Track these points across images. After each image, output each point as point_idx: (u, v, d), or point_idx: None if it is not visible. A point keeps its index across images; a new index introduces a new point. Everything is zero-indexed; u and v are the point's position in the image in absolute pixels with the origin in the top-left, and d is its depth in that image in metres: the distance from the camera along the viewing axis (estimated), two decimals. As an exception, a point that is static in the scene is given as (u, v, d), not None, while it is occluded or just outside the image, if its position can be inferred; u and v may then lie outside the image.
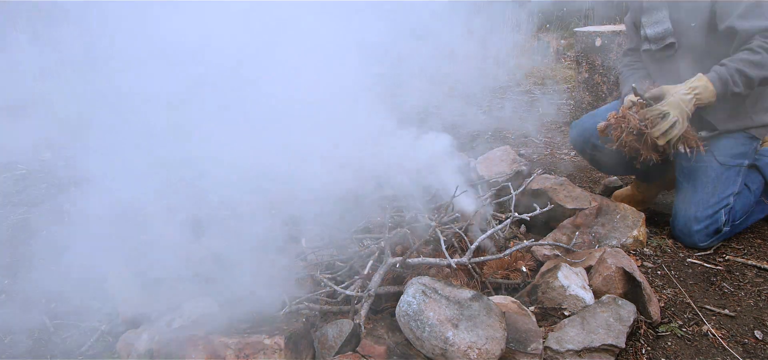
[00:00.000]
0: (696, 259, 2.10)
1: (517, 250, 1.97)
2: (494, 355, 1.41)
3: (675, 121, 1.98)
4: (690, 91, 2.00)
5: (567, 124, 4.25)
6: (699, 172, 2.18)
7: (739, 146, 2.18)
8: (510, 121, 4.22)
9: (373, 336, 1.53)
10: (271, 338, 1.39)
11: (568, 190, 2.50)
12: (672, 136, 2.00)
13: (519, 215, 2.16)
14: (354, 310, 1.73)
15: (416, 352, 1.48)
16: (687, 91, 2.01)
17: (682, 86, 2.03)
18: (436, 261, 1.86)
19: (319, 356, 1.52)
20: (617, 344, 1.52)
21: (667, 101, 2.01)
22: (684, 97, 2.00)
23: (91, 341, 1.81)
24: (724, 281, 1.95)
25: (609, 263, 1.78)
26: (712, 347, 1.63)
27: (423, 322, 1.45)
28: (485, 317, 1.47)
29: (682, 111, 1.99)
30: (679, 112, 1.99)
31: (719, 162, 2.16)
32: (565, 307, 1.71)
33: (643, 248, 2.14)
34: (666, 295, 1.87)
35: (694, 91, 2.00)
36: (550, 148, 3.65)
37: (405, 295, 1.54)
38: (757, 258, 2.09)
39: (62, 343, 1.81)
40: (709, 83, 2.00)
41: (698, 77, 2.03)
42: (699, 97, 2.00)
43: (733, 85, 1.98)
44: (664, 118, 1.99)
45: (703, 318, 1.75)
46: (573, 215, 2.30)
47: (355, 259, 2.07)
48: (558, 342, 1.53)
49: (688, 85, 2.02)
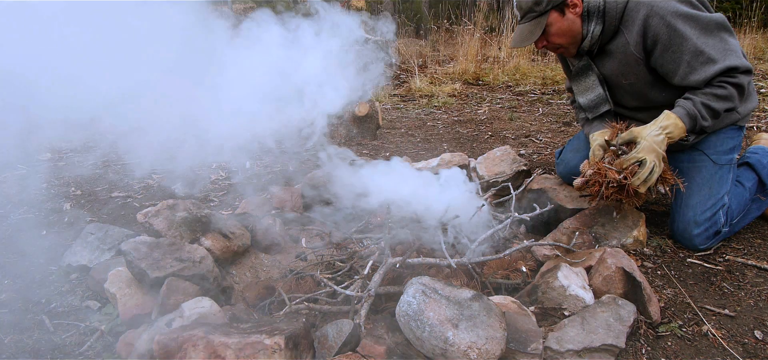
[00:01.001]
0: (696, 259, 2.10)
1: (517, 250, 1.97)
2: (494, 355, 1.40)
3: (653, 166, 1.97)
4: (661, 132, 2.00)
5: (567, 125, 4.25)
6: (694, 173, 2.18)
7: (729, 140, 2.18)
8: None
9: (373, 336, 1.53)
10: (271, 338, 1.39)
11: (568, 190, 2.50)
12: (652, 181, 1.99)
13: (519, 215, 2.16)
14: (354, 310, 1.73)
15: (416, 352, 1.48)
16: (658, 132, 2.00)
17: (653, 127, 2.02)
18: (436, 261, 1.86)
19: (319, 356, 1.52)
20: (617, 344, 1.52)
21: (642, 146, 2.00)
22: (656, 139, 1.99)
23: (91, 341, 1.81)
24: (724, 281, 1.95)
25: (609, 263, 1.78)
26: (712, 347, 1.63)
27: (423, 322, 1.45)
28: (485, 317, 1.47)
29: (658, 154, 1.99)
30: (655, 156, 1.98)
31: (713, 160, 2.16)
32: (565, 307, 1.71)
33: (643, 248, 2.13)
34: (666, 295, 1.87)
35: (666, 131, 2.00)
36: (550, 148, 3.65)
37: (405, 295, 1.54)
38: (757, 258, 2.09)
39: (62, 343, 1.81)
40: (679, 120, 2.00)
41: (666, 115, 2.02)
42: (671, 136, 2.00)
43: (702, 119, 2.00)
44: (642, 166, 1.98)
45: (703, 318, 1.75)
46: (573, 215, 2.31)
47: (355, 259, 2.07)
48: (558, 342, 1.53)
49: (659, 124, 2.01)
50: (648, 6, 2.02)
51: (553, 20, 2.12)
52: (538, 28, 2.12)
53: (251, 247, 2.37)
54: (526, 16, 2.14)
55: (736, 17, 7.29)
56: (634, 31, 2.07)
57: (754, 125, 3.79)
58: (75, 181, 3.22)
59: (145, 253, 1.92)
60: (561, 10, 2.11)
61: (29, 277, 2.19)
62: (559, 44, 2.20)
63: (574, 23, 2.13)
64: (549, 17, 2.11)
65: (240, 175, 3.29)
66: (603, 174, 2.04)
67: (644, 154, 1.98)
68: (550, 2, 2.09)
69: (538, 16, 2.12)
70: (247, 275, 2.24)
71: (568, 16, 2.12)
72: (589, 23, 2.13)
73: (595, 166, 2.08)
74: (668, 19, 1.98)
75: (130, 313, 1.82)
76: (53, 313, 1.97)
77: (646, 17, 2.02)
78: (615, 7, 2.09)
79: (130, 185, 3.15)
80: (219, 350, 1.38)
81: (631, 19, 2.07)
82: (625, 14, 2.08)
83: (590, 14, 2.12)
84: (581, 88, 2.34)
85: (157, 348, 1.42)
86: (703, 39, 1.97)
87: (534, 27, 2.13)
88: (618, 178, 2.00)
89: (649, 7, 2.02)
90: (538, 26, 2.12)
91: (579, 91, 2.36)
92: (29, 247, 2.43)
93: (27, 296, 2.07)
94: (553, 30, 2.14)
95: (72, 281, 2.17)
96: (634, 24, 2.06)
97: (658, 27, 2.00)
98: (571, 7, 2.11)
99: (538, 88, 5.46)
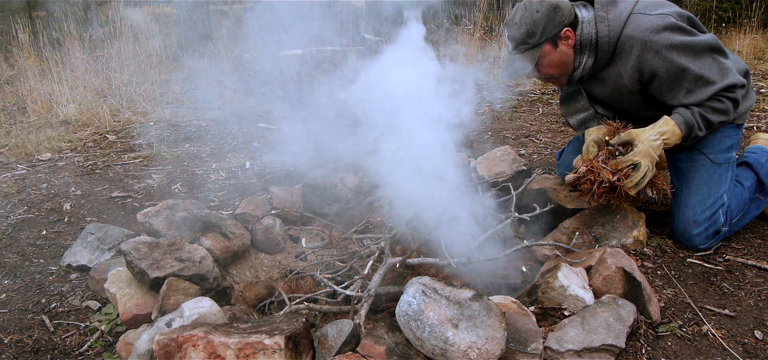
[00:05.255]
0: (696, 259, 2.10)
1: (517, 250, 1.97)
2: (494, 355, 1.40)
3: (646, 171, 1.98)
4: (659, 137, 2.01)
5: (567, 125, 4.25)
6: (692, 173, 2.18)
7: (727, 139, 2.19)
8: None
9: (373, 336, 1.53)
10: (271, 338, 1.39)
11: (568, 190, 2.50)
12: (643, 185, 2.01)
13: (519, 215, 2.16)
14: (354, 310, 1.73)
15: (416, 352, 1.48)
16: (656, 137, 2.01)
17: (651, 131, 2.02)
18: (436, 261, 1.86)
19: (319, 356, 1.52)
20: (617, 344, 1.52)
21: (638, 150, 2.00)
22: (653, 144, 2.00)
23: (91, 341, 1.81)
24: (724, 281, 1.95)
25: (609, 263, 1.78)
26: (712, 347, 1.63)
27: (423, 322, 1.45)
28: (485, 317, 1.47)
29: (653, 159, 2.00)
30: (650, 160, 1.99)
31: (711, 159, 2.16)
32: (565, 307, 1.71)
33: (643, 248, 2.13)
34: (666, 295, 1.87)
35: (663, 136, 2.01)
36: (550, 148, 3.65)
37: (405, 295, 1.54)
38: (757, 258, 2.09)
39: (62, 343, 1.81)
40: (677, 127, 2.01)
41: (665, 121, 2.03)
42: (667, 142, 2.01)
43: (697, 129, 2.02)
44: (636, 169, 1.99)
45: (703, 318, 1.75)
46: (573, 215, 2.31)
47: (355, 259, 2.08)
48: (558, 342, 1.53)
49: (657, 130, 2.02)
50: (641, 42, 2.00)
51: (546, 52, 2.11)
52: (531, 60, 2.11)
53: (251, 247, 2.37)
54: (519, 47, 2.13)
55: (736, 17, 7.28)
56: (629, 65, 2.06)
57: (753, 125, 3.79)
58: (75, 181, 3.21)
59: (145, 253, 1.92)
60: (554, 43, 2.10)
61: (29, 277, 2.19)
62: (550, 75, 2.20)
63: (567, 55, 2.12)
64: (542, 49, 2.10)
65: (240, 174, 3.29)
66: (596, 173, 2.04)
67: (640, 158, 1.99)
68: (543, 34, 2.07)
69: (531, 48, 2.10)
70: (247, 275, 2.24)
71: (561, 48, 2.10)
72: (582, 55, 2.13)
73: (589, 164, 2.08)
74: (664, 53, 1.97)
75: (130, 313, 1.82)
76: (53, 313, 1.97)
77: (640, 53, 2.01)
78: (607, 40, 2.07)
79: (130, 185, 3.15)
80: (219, 350, 1.38)
81: (624, 52, 2.06)
82: (618, 46, 2.07)
83: (582, 47, 2.11)
84: (571, 111, 2.35)
85: (157, 348, 1.42)
86: (700, 64, 1.98)
87: (527, 59, 2.12)
88: (612, 179, 2.01)
89: (642, 44, 2.00)
90: (531, 58, 2.11)
91: (568, 113, 2.37)
92: (29, 247, 2.43)
93: (27, 296, 2.07)
94: (545, 62, 2.13)
95: (72, 281, 2.17)
96: (629, 59, 2.05)
97: (655, 62, 2.00)
98: (563, 39, 2.09)
99: (538, 88, 5.45)
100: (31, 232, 2.57)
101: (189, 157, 3.66)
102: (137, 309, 1.84)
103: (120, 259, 2.08)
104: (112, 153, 3.78)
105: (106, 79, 5.52)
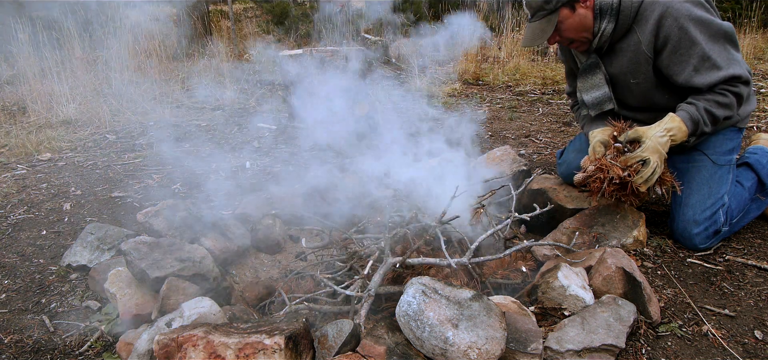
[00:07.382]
0: (696, 259, 2.10)
1: (517, 250, 1.97)
2: (494, 355, 1.40)
3: (655, 167, 1.99)
4: (665, 133, 2.02)
5: (567, 125, 4.24)
6: (693, 173, 2.19)
7: (728, 142, 2.20)
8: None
9: (373, 336, 1.53)
10: (271, 338, 1.39)
11: (568, 190, 2.50)
12: (652, 182, 2.01)
13: (519, 215, 2.16)
14: (354, 310, 1.73)
15: (416, 352, 1.48)
16: (663, 134, 2.02)
17: (658, 128, 2.03)
18: (436, 261, 1.86)
19: (319, 356, 1.52)
20: (617, 344, 1.52)
21: (647, 146, 2.01)
22: (661, 141, 2.01)
23: (91, 341, 1.81)
24: (724, 281, 1.95)
25: (609, 263, 1.78)
26: (712, 347, 1.63)
27: (423, 322, 1.45)
28: (485, 317, 1.47)
29: (661, 155, 2.01)
30: (658, 157, 2.00)
31: (712, 160, 2.17)
32: (565, 307, 1.71)
33: (643, 248, 2.13)
34: (666, 295, 1.87)
35: (670, 133, 2.02)
36: (550, 148, 3.65)
37: (405, 295, 1.54)
38: (757, 258, 2.09)
39: (62, 343, 1.81)
40: (683, 124, 2.02)
41: (671, 117, 2.04)
42: (674, 138, 2.02)
43: (703, 125, 2.03)
44: (646, 165, 2.00)
45: (703, 318, 1.75)
46: (573, 215, 2.30)
47: (355, 259, 2.07)
48: (558, 342, 1.53)
49: (663, 126, 2.03)
50: (663, 6, 2.02)
51: (564, 17, 2.12)
52: (550, 25, 2.12)
53: (251, 247, 2.37)
54: (537, 14, 2.14)
55: (736, 17, 7.28)
56: (647, 29, 2.07)
57: (753, 125, 3.80)
58: (75, 181, 3.21)
59: (145, 253, 1.92)
60: (571, 6, 2.11)
61: (29, 277, 2.19)
62: (571, 38, 2.20)
63: (586, 17, 2.13)
64: (560, 14, 2.11)
65: (240, 174, 3.29)
66: (606, 170, 2.05)
67: (649, 154, 1.99)
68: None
69: (549, 13, 2.12)
70: (247, 275, 2.24)
71: (579, 12, 2.12)
72: (602, 20, 2.13)
73: (598, 162, 2.08)
74: (681, 21, 1.99)
75: (130, 313, 1.82)
76: (53, 313, 1.97)
77: (660, 17, 2.03)
78: (630, 5, 2.08)
79: (130, 185, 3.15)
80: (219, 350, 1.38)
81: (644, 18, 2.07)
82: (639, 12, 2.08)
83: (603, 12, 2.12)
84: (587, 86, 2.34)
85: (157, 348, 1.42)
86: (711, 45, 1.99)
87: (545, 25, 2.13)
88: (622, 174, 2.01)
89: (664, 7, 2.02)
90: (549, 24, 2.12)
91: (584, 88, 2.36)
92: (29, 247, 2.43)
93: (27, 296, 2.07)
94: (565, 26, 2.14)
95: (72, 281, 2.17)
96: (648, 22, 2.06)
97: (671, 28, 2.01)
98: (581, 2, 2.11)
99: (538, 88, 5.45)
100: (31, 232, 2.57)
101: (189, 157, 3.66)
102: (137, 309, 1.84)
103: (120, 259, 2.08)
104: (112, 153, 3.78)
105: (106, 79, 5.52)
